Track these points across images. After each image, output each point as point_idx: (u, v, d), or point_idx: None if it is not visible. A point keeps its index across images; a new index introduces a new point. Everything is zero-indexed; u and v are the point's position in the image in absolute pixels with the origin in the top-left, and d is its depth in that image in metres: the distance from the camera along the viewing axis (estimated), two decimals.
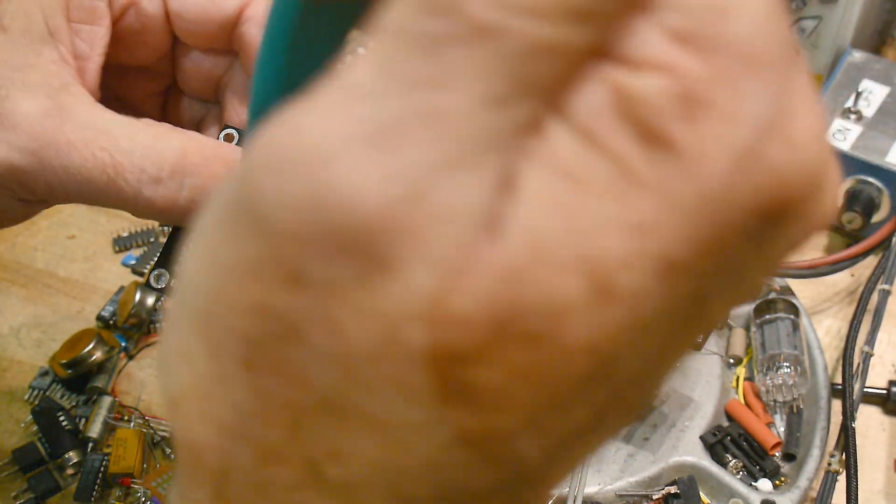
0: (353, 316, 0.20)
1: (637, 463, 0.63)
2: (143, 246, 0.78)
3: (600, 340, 0.19)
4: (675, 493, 0.62)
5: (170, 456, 0.66)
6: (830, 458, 0.64)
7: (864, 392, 0.68)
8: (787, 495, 0.62)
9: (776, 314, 0.69)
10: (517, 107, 0.19)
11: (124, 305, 0.71)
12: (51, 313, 0.74)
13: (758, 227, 0.20)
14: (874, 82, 0.79)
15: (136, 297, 0.71)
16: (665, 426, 0.65)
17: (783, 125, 0.20)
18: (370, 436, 0.21)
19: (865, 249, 0.73)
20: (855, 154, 0.75)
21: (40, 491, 0.64)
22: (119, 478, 0.64)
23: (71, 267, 0.77)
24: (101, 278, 0.76)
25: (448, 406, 0.20)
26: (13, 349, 0.72)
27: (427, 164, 0.19)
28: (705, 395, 0.66)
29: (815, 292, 0.75)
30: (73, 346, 0.68)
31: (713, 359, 0.68)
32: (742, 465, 0.64)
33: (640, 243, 0.19)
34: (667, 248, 0.19)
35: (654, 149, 0.19)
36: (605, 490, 0.62)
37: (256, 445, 0.22)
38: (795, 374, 0.66)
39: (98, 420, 0.65)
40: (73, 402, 0.68)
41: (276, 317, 0.20)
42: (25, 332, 0.73)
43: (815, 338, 0.70)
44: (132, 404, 0.69)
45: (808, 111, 0.21)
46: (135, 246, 0.78)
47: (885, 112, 0.77)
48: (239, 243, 0.20)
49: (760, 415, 0.66)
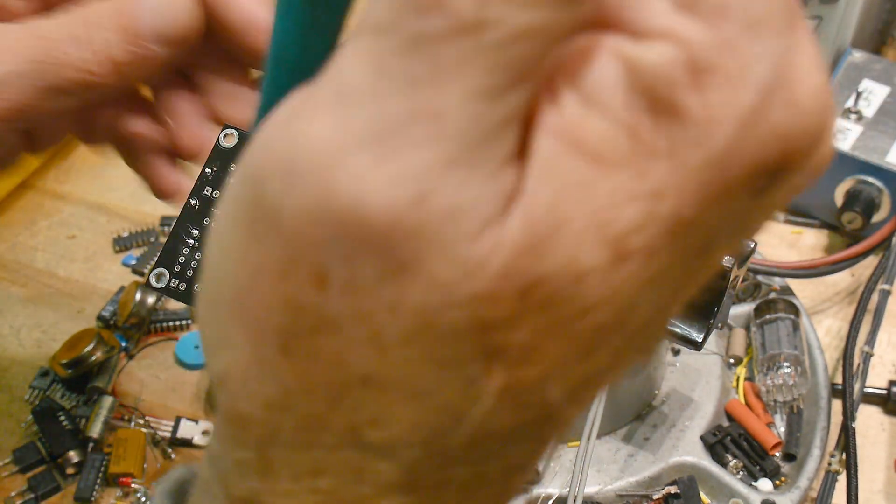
0: (384, 310, 0.20)
1: (637, 463, 0.63)
2: (143, 246, 0.78)
3: (617, 296, 0.21)
4: (675, 493, 0.62)
5: (170, 456, 0.66)
6: (830, 458, 0.64)
7: (865, 392, 0.68)
8: (787, 495, 0.62)
9: (776, 314, 0.69)
10: (513, 94, 0.20)
11: (124, 305, 0.71)
12: (51, 313, 0.74)
13: (761, 182, 0.21)
14: (874, 82, 0.79)
15: (136, 297, 0.71)
16: (665, 426, 0.65)
17: (786, 85, 0.21)
18: (409, 403, 0.22)
19: (865, 249, 0.73)
20: (855, 154, 0.75)
21: (40, 491, 0.64)
22: (119, 478, 0.64)
23: (71, 267, 0.77)
24: (101, 278, 0.76)
25: (484, 369, 0.21)
26: (13, 349, 0.72)
27: (428, 163, 0.19)
28: (705, 395, 0.66)
29: (815, 292, 0.75)
30: (73, 346, 0.68)
31: (713, 359, 0.68)
32: (742, 465, 0.64)
33: (653, 207, 0.20)
34: (678, 209, 0.20)
35: (664, 118, 0.20)
36: (605, 490, 0.62)
37: (300, 416, 0.23)
38: (795, 374, 0.66)
39: (98, 420, 0.65)
40: (73, 402, 0.68)
41: (308, 312, 0.21)
42: (25, 332, 0.73)
43: (815, 338, 0.70)
44: (132, 404, 0.69)
45: (810, 68, 0.21)
46: (135, 246, 0.78)
47: (885, 112, 0.77)
48: (262, 246, 0.21)
49: (760, 415, 0.66)
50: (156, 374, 0.70)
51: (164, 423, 0.67)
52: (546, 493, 0.61)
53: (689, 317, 0.58)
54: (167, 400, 0.69)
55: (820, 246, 0.79)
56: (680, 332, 0.57)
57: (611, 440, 0.64)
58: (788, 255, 0.78)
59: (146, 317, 0.71)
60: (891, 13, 0.89)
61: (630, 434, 0.65)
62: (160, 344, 0.72)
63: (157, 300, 0.71)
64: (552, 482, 0.62)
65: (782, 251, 0.78)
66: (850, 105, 0.77)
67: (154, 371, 0.71)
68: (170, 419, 0.67)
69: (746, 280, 0.72)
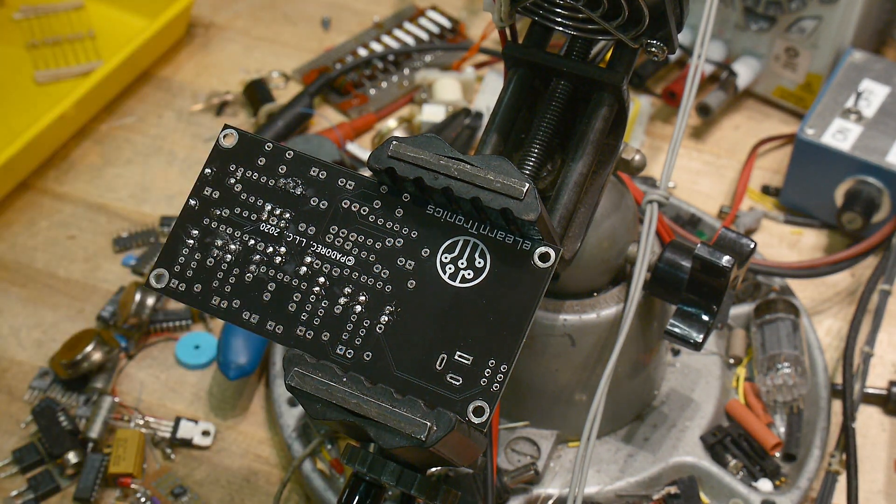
0: None
1: (637, 463, 0.63)
2: (143, 246, 0.78)
3: None
4: (675, 493, 0.62)
5: (170, 456, 0.66)
6: (830, 459, 0.64)
7: (865, 392, 0.68)
8: (787, 495, 0.62)
9: (776, 314, 0.69)
10: None
11: (124, 305, 0.71)
12: (51, 313, 0.74)
13: None
14: (874, 82, 0.79)
15: (136, 297, 0.71)
16: (665, 426, 0.65)
17: None
18: None
19: (866, 249, 0.73)
20: (855, 154, 0.75)
21: (40, 491, 0.64)
22: (119, 478, 0.64)
23: (71, 267, 0.77)
24: (101, 278, 0.76)
25: None
26: (13, 349, 0.72)
27: None
28: (705, 396, 0.66)
29: (815, 292, 0.75)
30: (73, 346, 0.68)
31: (713, 359, 0.68)
32: (742, 466, 0.64)
33: None
34: None
35: None
36: (605, 490, 0.62)
37: None
38: (796, 375, 0.66)
39: (98, 420, 0.65)
40: (73, 402, 0.68)
41: None
42: (25, 332, 0.73)
43: (815, 338, 0.70)
44: (132, 404, 0.69)
45: None
46: (135, 246, 0.78)
47: (885, 112, 0.77)
48: None
49: (760, 415, 0.66)
50: (156, 375, 0.70)
51: (163, 424, 0.67)
52: (546, 493, 0.61)
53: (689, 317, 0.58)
54: (167, 400, 0.69)
55: (820, 246, 0.79)
56: (680, 333, 0.57)
57: (611, 440, 0.64)
58: (788, 255, 0.78)
59: (146, 317, 0.71)
60: (891, 13, 0.89)
61: (630, 434, 0.65)
62: (160, 344, 0.72)
63: (157, 300, 0.71)
64: (552, 482, 0.62)
65: (782, 251, 0.78)
66: (850, 105, 0.77)
67: (154, 371, 0.71)
68: (170, 419, 0.67)
69: (746, 280, 0.72)
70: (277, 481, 0.65)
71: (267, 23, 0.96)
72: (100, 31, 0.92)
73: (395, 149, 0.43)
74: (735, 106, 0.89)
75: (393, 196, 0.45)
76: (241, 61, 0.92)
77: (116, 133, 0.86)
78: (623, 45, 0.51)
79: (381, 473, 0.44)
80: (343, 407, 0.42)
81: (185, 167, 0.84)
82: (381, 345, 0.43)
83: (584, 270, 0.58)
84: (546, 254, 0.43)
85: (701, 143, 0.86)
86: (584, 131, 0.52)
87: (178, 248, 0.46)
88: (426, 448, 0.41)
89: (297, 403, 0.66)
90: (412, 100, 0.89)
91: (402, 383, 0.43)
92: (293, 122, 0.85)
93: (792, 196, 0.80)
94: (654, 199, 0.59)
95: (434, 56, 0.92)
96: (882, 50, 0.91)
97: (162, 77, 0.91)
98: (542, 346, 0.59)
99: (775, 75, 0.86)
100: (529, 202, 0.42)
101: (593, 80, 0.52)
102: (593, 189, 0.54)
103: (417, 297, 0.43)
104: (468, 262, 0.43)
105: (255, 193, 0.46)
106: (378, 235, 0.44)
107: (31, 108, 0.87)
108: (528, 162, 0.52)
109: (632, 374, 0.63)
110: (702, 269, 0.56)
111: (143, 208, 0.81)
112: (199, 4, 0.96)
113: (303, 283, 0.44)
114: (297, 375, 0.42)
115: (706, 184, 0.83)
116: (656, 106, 0.88)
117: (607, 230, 0.58)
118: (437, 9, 0.96)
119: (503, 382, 0.42)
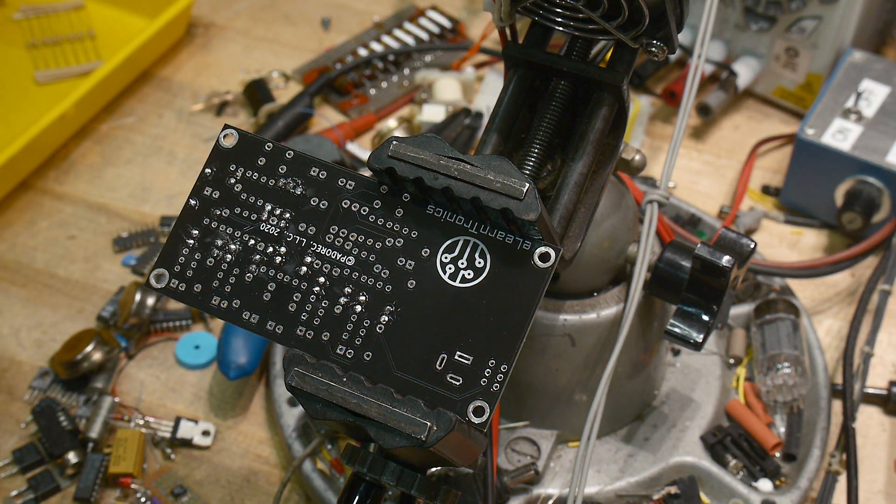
0: None
1: (637, 463, 0.63)
2: (143, 246, 0.78)
3: None
4: (675, 493, 0.62)
5: (169, 456, 0.66)
6: (831, 459, 0.64)
7: (865, 392, 0.68)
8: (787, 495, 0.62)
9: (776, 314, 0.69)
10: None
11: (124, 305, 0.71)
12: (51, 313, 0.74)
13: None
14: (874, 82, 0.79)
15: (136, 297, 0.71)
16: (665, 426, 0.65)
17: None
18: None
19: (866, 249, 0.73)
20: (855, 154, 0.75)
21: (40, 491, 0.64)
22: (119, 478, 0.64)
23: (71, 267, 0.77)
24: (101, 278, 0.76)
25: None
26: (13, 349, 0.72)
27: None
28: (705, 395, 0.66)
29: (815, 292, 0.75)
30: (73, 346, 0.68)
31: (713, 359, 0.68)
32: (742, 466, 0.64)
33: None
34: None
35: None
36: (605, 490, 0.62)
37: None
38: (796, 375, 0.66)
39: (98, 420, 0.65)
40: (73, 402, 0.68)
41: None
42: (25, 332, 0.73)
43: (815, 338, 0.70)
44: (132, 404, 0.69)
45: None
46: (135, 246, 0.78)
47: (885, 112, 0.77)
48: None
49: (761, 415, 0.66)
50: (155, 375, 0.70)
51: (163, 424, 0.67)
52: (546, 493, 0.61)
53: (689, 317, 0.58)
54: (167, 400, 0.69)
55: (820, 246, 0.79)
56: (680, 333, 0.57)
57: (611, 440, 0.64)
58: (788, 255, 0.78)
59: (146, 317, 0.71)
60: (891, 13, 0.89)
61: (630, 434, 0.65)
62: (160, 344, 0.72)
63: (157, 300, 0.71)
64: (552, 482, 0.62)
65: (782, 251, 0.78)
66: (850, 105, 0.77)
67: (154, 371, 0.71)
68: (169, 419, 0.67)
69: (746, 280, 0.72)
70: (277, 481, 0.65)
71: (267, 23, 0.96)
72: (100, 31, 0.93)
73: (395, 149, 0.43)
74: (735, 106, 0.89)
75: (393, 196, 0.45)
76: (241, 61, 0.92)
77: (116, 133, 0.86)
78: (623, 45, 0.51)
79: (381, 473, 0.44)
80: (343, 407, 0.42)
81: (185, 167, 0.84)
82: (381, 345, 0.43)
83: (584, 270, 0.58)
84: (546, 254, 0.43)
85: (701, 143, 0.86)
86: (585, 131, 0.52)
87: (178, 248, 0.46)
88: (426, 448, 0.41)
89: (297, 403, 0.66)
90: (412, 100, 0.89)
91: (403, 383, 0.43)
92: (293, 122, 0.85)
93: (792, 196, 0.80)
94: (654, 199, 0.59)
95: (434, 56, 0.92)
96: (882, 50, 0.91)
97: (162, 77, 0.91)
98: (542, 346, 0.59)
99: (775, 75, 0.86)
100: (529, 202, 0.42)
101: (593, 79, 0.52)
102: (593, 189, 0.54)
103: (417, 297, 0.43)
104: (468, 262, 0.43)
105: (255, 193, 0.46)
106: (378, 235, 0.44)
107: (31, 108, 0.87)
108: (528, 162, 0.52)
109: (632, 374, 0.63)
110: (702, 269, 0.56)
111: (143, 208, 0.81)
112: (199, 4, 0.96)
113: (303, 283, 0.45)
114: (298, 375, 0.42)
115: (706, 184, 0.83)
116: (656, 106, 0.88)
117: (607, 230, 0.58)
118: (437, 9, 0.96)
119: (503, 382, 0.42)
